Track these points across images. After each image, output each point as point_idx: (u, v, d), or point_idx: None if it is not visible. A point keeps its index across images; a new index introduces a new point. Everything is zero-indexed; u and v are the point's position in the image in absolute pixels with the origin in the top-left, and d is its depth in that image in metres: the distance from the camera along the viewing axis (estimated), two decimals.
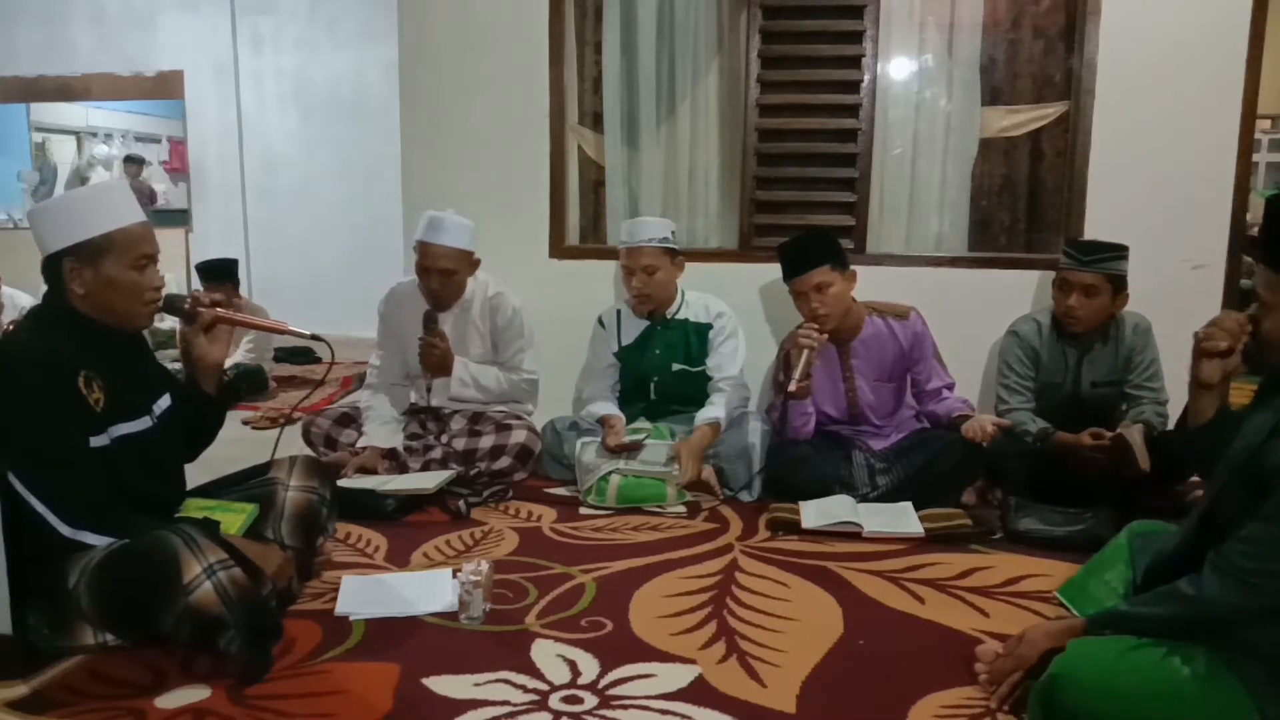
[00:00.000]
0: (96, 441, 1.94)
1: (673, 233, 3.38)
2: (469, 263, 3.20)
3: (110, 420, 1.97)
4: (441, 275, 3.13)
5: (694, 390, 3.39)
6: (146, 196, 8.08)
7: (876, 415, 3.20)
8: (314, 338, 2.32)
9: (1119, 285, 2.92)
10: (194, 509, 2.13)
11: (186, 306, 2.15)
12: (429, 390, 3.33)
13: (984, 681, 1.86)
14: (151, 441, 2.07)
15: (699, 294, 3.45)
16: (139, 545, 1.83)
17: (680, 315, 3.42)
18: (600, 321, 3.50)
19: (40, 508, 1.87)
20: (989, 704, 1.80)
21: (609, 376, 3.48)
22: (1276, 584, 1.51)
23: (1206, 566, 1.59)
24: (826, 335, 2.97)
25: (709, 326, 3.39)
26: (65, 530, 1.87)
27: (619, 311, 3.49)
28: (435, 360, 3.19)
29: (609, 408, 3.36)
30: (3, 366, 1.89)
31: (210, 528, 1.96)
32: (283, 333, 2.33)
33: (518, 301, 3.30)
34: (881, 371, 3.16)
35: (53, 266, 1.97)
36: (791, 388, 2.88)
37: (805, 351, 2.88)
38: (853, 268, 3.08)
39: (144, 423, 2.06)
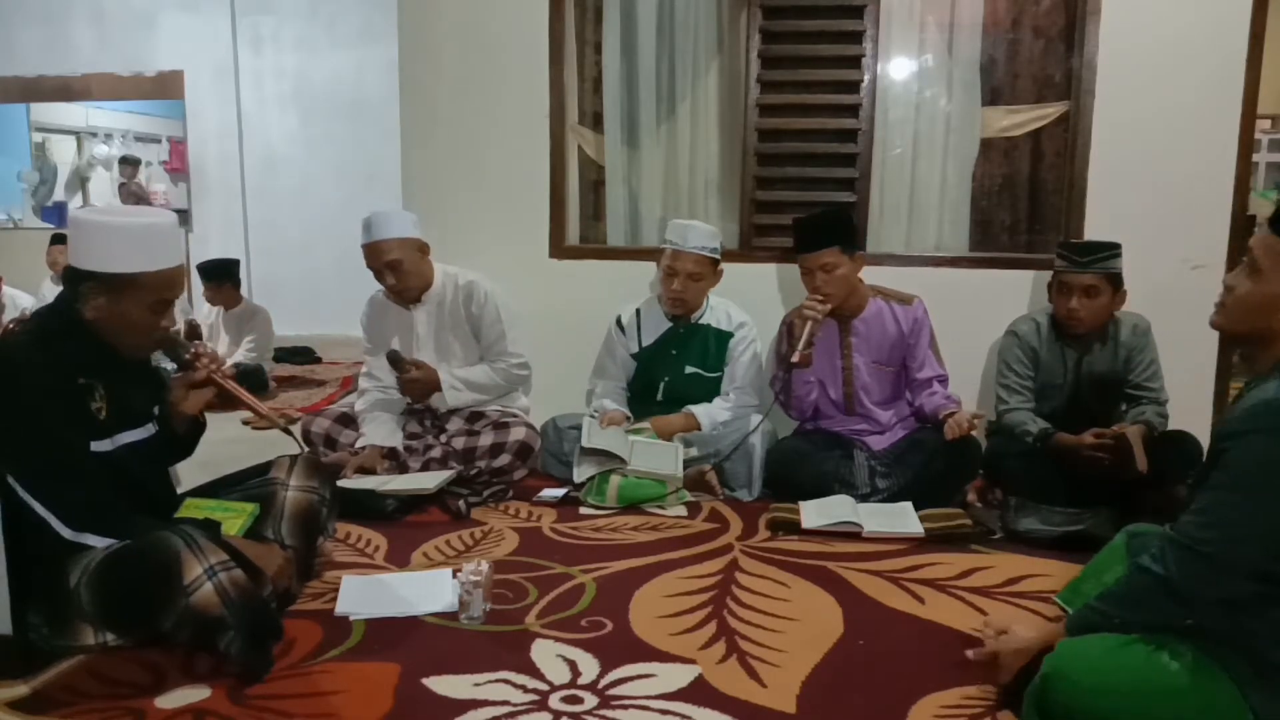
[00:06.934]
0: (99, 446, 1.94)
1: (721, 243, 3.40)
2: (416, 249, 3.17)
3: (115, 428, 1.98)
4: (391, 269, 3.13)
5: (702, 394, 3.41)
6: (140, 198, 8.07)
7: (871, 398, 3.20)
8: (287, 431, 2.35)
9: (1117, 283, 2.92)
10: (194, 509, 2.13)
11: (187, 356, 2.12)
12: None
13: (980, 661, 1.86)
14: (153, 447, 2.08)
15: (722, 300, 3.47)
16: (140, 545, 1.84)
17: (704, 320, 3.44)
18: (619, 325, 3.50)
19: (42, 511, 1.87)
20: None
21: (621, 377, 3.51)
22: (1229, 550, 1.51)
23: (1165, 542, 1.59)
24: (830, 308, 3.04)
25: (730, 335, 3.41)
26: (67, 533, 1.87)
27: (638, 311, 3.50)
28: (420, 389, 3.21)
29: (611, 405, 3.41)
30: (6, 371, 1.88)
31: (211, 529, 1.96)
32: (264, 416, 2.23)
33: (489, 286, 3.27)
34: (880, 354, 3.18)
35: (74, 278, 1.95)
36: (795, 358, 2.99)
37: (808, 323, 2.99)
38: (860, 252, 3.17)
39: (148, 430, 2.07)
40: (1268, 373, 1.59)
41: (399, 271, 3.14)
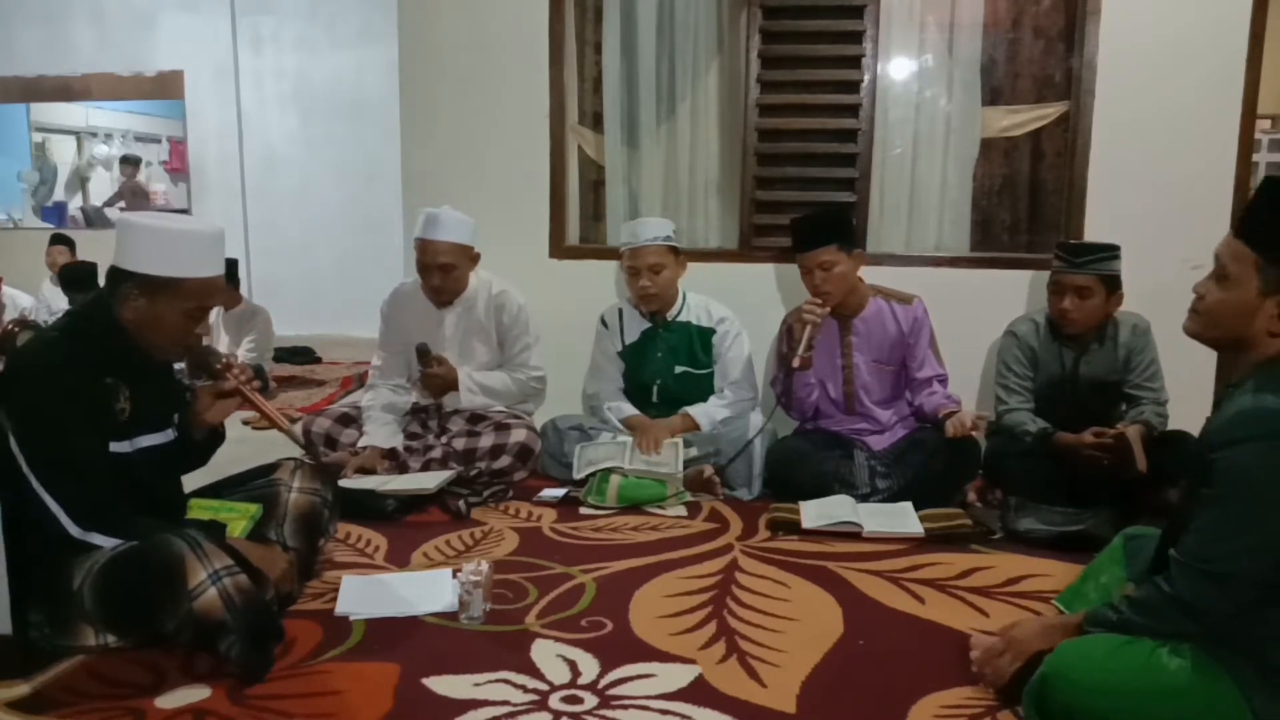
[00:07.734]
0: (118, 448, 1.95)
1: (675, 230, 3.40)
2: (469, 257, 3.21)
3: (136, 430, 1.98)
4: (442, 271, 3.16)
5: (697, 393, 3.40)
6: (142, 198, 8.09)
7: (871, 397, 3.20)
8: (300, 445, 2.34)
9: (1112, 285, 2.92)
10: (199, 509, 2.14)
11: (218, 366, 2.15)
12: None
13: (978, 662, 1.86)
14: (170, 453, 2.09)
15: (700, 296, 3.46)
16: (145, 549, 1.84)
17: (682, 318, 3.43)
18: (603, 321, 3.51)
19: (54, 507, 1.87)
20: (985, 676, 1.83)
21: (617, 375, 3.50)
22: (1236, 565, 1.51)
23: (1171, 563, 1.59)
24: (829, 310, 3.05)
25: (712, 331, 3.40)
26: (75, 531, 1.88)
27: (620, 310, 3.50)
28: (439, 385, 3.24)
29: (631, 409, 3.40)
30: (33, 368, 1.90)
31: (216, 531, 1.97)
32: (286, 431, 2.32)
33: (522, 299, 3.31)
34: (880, 353, 3.19)
35: (115, 279, 1.96)
36: (795, 363, 3.00)
37: (808, 326, 3.00)
38: (858, 250, 3.18)
39: (167, 435, 2.09)
40: (1244, 379, 1.59)
41: (448, 275, 3.17)
